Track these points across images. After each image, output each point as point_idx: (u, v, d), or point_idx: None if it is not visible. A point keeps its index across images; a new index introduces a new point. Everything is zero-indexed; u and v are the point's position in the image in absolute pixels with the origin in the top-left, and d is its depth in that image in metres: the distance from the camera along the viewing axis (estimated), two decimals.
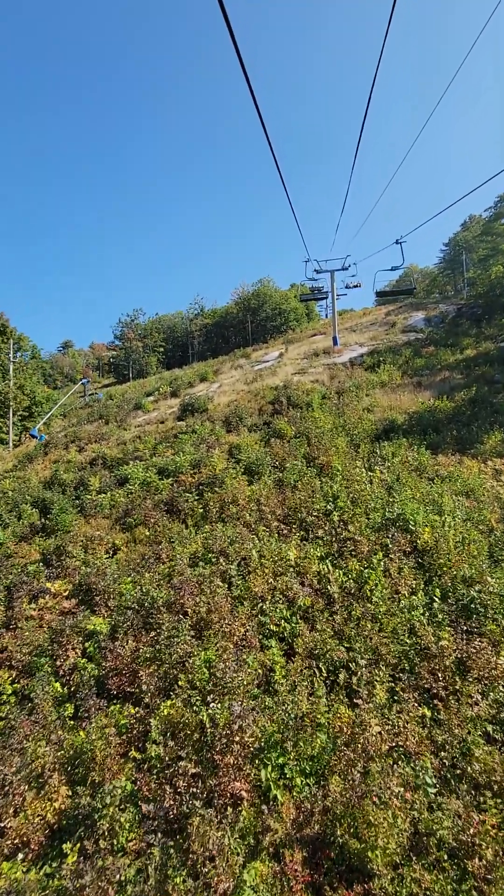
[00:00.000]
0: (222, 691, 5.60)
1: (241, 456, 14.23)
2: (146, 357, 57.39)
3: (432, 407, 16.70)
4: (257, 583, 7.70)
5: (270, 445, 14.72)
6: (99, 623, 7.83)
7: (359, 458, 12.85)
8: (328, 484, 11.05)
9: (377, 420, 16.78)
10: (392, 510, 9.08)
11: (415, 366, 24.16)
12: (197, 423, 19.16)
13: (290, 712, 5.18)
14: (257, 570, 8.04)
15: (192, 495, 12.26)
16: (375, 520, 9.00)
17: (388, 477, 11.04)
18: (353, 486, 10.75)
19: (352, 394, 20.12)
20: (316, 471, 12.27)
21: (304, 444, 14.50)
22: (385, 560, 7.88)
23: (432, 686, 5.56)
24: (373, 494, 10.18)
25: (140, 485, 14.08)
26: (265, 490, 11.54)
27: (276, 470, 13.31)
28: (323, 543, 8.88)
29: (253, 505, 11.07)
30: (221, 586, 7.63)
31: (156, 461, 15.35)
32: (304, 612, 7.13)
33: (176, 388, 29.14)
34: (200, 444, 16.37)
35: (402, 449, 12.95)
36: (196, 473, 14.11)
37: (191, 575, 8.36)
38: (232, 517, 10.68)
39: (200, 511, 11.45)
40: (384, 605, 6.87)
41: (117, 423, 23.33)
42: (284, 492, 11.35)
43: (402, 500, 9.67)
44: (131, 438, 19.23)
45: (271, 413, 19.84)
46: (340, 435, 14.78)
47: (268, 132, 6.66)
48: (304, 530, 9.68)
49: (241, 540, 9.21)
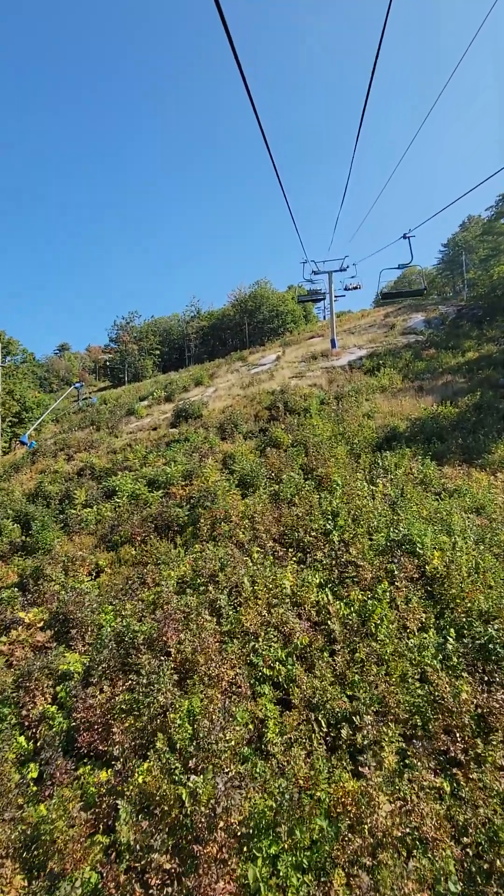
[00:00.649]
0: (206, 755, 4.83)
1: (235, 466, 13.47)
2: (142, 360, 56.54)
3: (435, 413, 15.98)
4: (249, 616, 6.93)
5: (266, 455, 13.97)
6: (74, 661, 7.05)
7: (359, 470, 12.10)
8: (327, 499, 10.30)
9: (378, 427, 16.04)
10: (397, 530, 8.33)
11: (415, 369, 23.46)
12: (190, 431, 18.41)
13: (284, 786, 4.41)
14: (250, 601, 7.27)
15: (183, 510, 11.50)
16: (379, 541, 8.24)
17: (392, 491, 10.29)
18: (354, 501, 10.00)
19: (351, 399, 19.40)
20: (314, 484, 11.52)
21: (302, 454, 13.75)
22: (391, 589, 7.12)
23: (449, 748, 4.80)
24: (375, 511, 9.43)
25: (128, 498, 13.31)
26: (260, 505, 10.78)
27: (271, 482, 12.56)
28: (322, 568, 8.11)
29: (246, 522, 10.31)
30: (210, 620, 6.86)
31: (146, 472, 14.59)
32: (302, 652, 6.36)
33: (170, 393, 28.38)
34: (193, 453, 15.62)
35: (405, 459, 12.21)
36: (188, 485, 13.35)
37: (177, 604, 7.60)
38: (224, 535, 9.92)
39: (191, 528, 10.69)
40: (391, 644, 6.11)
41: (108, 429, 22.55)
42: (280, 507, 10.59)
43: (407, 519, 8.92)
44: (122, 446, 18.46)
45: (267, 419, 19.11)
46: (340, 443, 14.03)
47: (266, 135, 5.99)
48: (302, 551, 8.93)
49: (232, 563, 8.44)
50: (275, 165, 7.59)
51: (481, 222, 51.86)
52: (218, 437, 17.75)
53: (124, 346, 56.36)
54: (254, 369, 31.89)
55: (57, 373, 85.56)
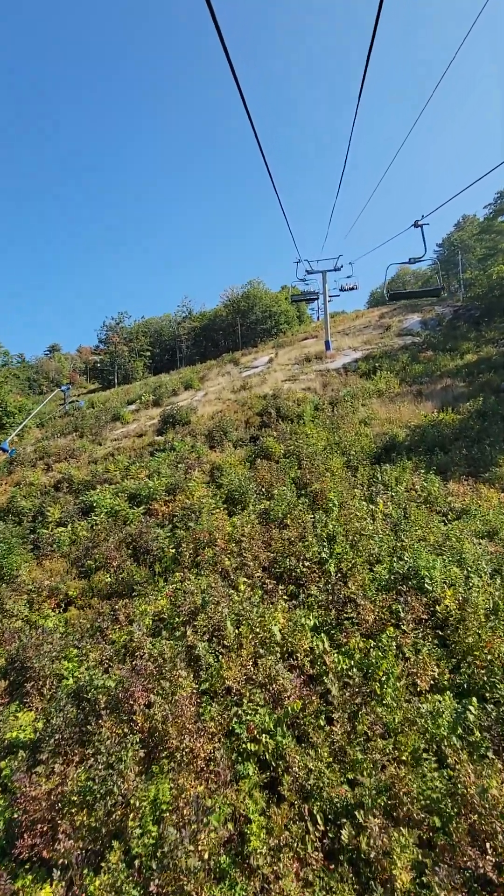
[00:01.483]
0: (172, 876, 3.82)
1: (223, 479, 12.46)
2: (132, 362, 55.28)
3: (436, 420, 15.06)
4: (232, 669, 5.92)
5: (256, 467, 12.96)
6: (26, 723, 6.01)
7: (357, 485, 11.14)
8: (322, 520, 9.31)
9: (376, 435, 15.10)
10: (402, 560, 7.35)
11: (413, 372, 22.57)
12: (177, 438, 17.36)
13: None
14: (233, 651, 6.26)
15: (164, 531, 10.46)
16: (381, 574, 7.26)
17: (394, 512, 9.33)
18: (352, 523, 9.03)
19: (347, 404, 18.46)
20: (308, 501, 10.54)
21: (295, 466, 12.77)
22: (398, 634, 6.15)
23: (477, 865, 3.82)
24: (376, 535, 8.45)
25: (107, 514, 12.25)
26: (248, 527, 9.77)
27: (262, 497, 11.56)
28: (317, 605, 7.12)
29: (233, 546, 9.30)
30: (185, 676, 5.83)
31: (127, 485, 13.52)
32: (294, 718, 5.36)
33: (159, 397, 27.28)
34: (179, 464, 14.58)
35: (406, 473, 11.25)
36: (171, 501, 12.32)
37: (150, 650, 6.57)
38: (208, 562, 8.90)
39: (172, 552, 9.66)
40: (399, 710, 5.12)
41: (92, 436, 21.43)
42: (271, 529, 9.60)
43: (412, 545, 7.96)
44: (104, 456, 17.36)
45: (259, 426, 18.11)
46: (335, 454, 13.07)
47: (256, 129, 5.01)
48: (294, 582, 7.93)
49: (215, 598, 7.42)
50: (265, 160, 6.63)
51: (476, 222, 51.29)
52: (206, 445, 16.73)
53: (114, 347, 55.08)
54: (246, 372, 30.89)
55: (47, 374, 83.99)
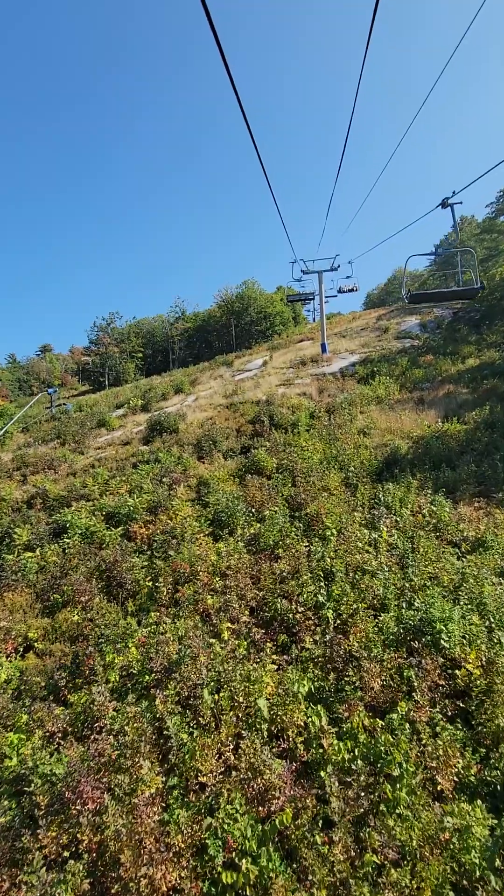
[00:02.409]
0: None
1: (210, 498, 11.33)
2: (123, 364, 53.91)
3: (441, 431, 14.02)
4: (208, 758, 4.80)
5: (246, 483, 11.84)
6: None
7: (357, 507, 10.05)
8: (318, 550, 8.21)
9: (376, 447, 14.04)
10: (412, 609, 6.26)
11: (413, 377, 21.56)
12: (164, 449, 16.20)
13: None
14: (210, 728, 5.14)
15: (141, 560, 9.33)
16: (388, 625, 6.16)
17: (399, 542, 8.23)
18: (353, 555, 7.94)
19: (344, 412, 17.38)
20: (302, 526, 9.43)
21: (288, 483, 11.67)
22: (410, 706, 5.05)
23: None
24: (380, 571, 7.36)
25: (81, 536, 11.08)
26: (235, 557, 8.65)
27: (251, 518, 10.46)
28: (313, 664, 6.00)
29: (217, 580, 8.18)
30: (149, 769, 4.69)
31: (105, 502, 12.36)
32: (282, 832, 4.24)
33: (147, 402, 26.08)
34: (163, 479, 13.43)
35: (411, 493, 10.18)
36: (152, 522, 11.17)
37: (110, 721, 5.44)
38: (188, 601, 7.77)
39: (148, 585, 8.52)
40: (416, 823, 4.02)
41: (74, 443, 20.21)
42: (260, 560, 8.48)
43: (422, 585, 6.87)
44: (84, 467, 16.17)
45: (251, 435, 17.01)
46: (332, 469, 11.98)
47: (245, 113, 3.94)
48: (286, 630, 6.82)
49: (193, 652, 6.29)
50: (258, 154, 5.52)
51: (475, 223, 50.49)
52: (194, 456, 15.60)
53: (104, 348, 53.72)
54: (239, 375, 29.77)
55: (37, 375, 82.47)
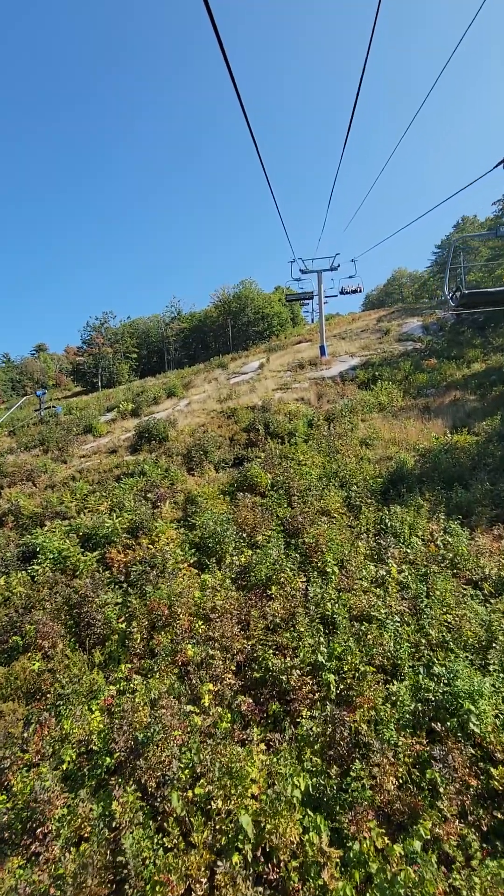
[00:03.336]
0: None
1: (197, 519, 10.21)
2: (117, 364, 52.59)
3: (450, 443, 12.93)
4: None
5: (238, 502, 10.70)
6: None
7: (361, 533, 8.93)
8: (317, 591, 7.09)
9: (379, 459, 12.95)
10: (432, 680, 5.14)
11: (417, 383, 20.47)
12: (151, 460, 15.05)
13: None
14: (179, 847, 4.01)
15: (115, 596, 8.18)
16: (403, 698, 5.03)
17: (411, 580, 7.11)
18: (357, 596, 6.82)
19: (344, 420, 16.28)
20: (299, 557, 8.31)
21: (284, 503, 10.55)
22: (435, 816, 3.94)
23: None
24: (391, 621, 6.24)
25: (52, 562, 9.93)
26: (221, 593, 7.53)
27: (242, 544, 9.34)
28: (311, 750, 4.88)
29: (200, 624, 7.05)
30: None
31: (82, 521, 11.21)
32: None
33: (138, 405, 24.91)
34: (147, 494, 12.30)
35: (422, 518, 9.07)
36: (132, 547, 10.04)
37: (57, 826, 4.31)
38: (164, 652, 6.63)
39: (121, 628, 7.38)
40: None
41: (58, 451, 19.03)
42: (250, 599, 7.35)
43: (440, 639, 5.76)
44: (64, 479, 14.99)
45: (245, 444, 15.88)
46: (333, 487, 10.86)
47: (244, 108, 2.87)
48: (279, 696, 5.69)
49: (166, 726, 5.16)
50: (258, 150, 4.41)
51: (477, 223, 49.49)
52: (183, 467, 14.47)
53: (98, 349, 52.41)
54: (234, 378, 28.63)
55: (31, 375, 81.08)
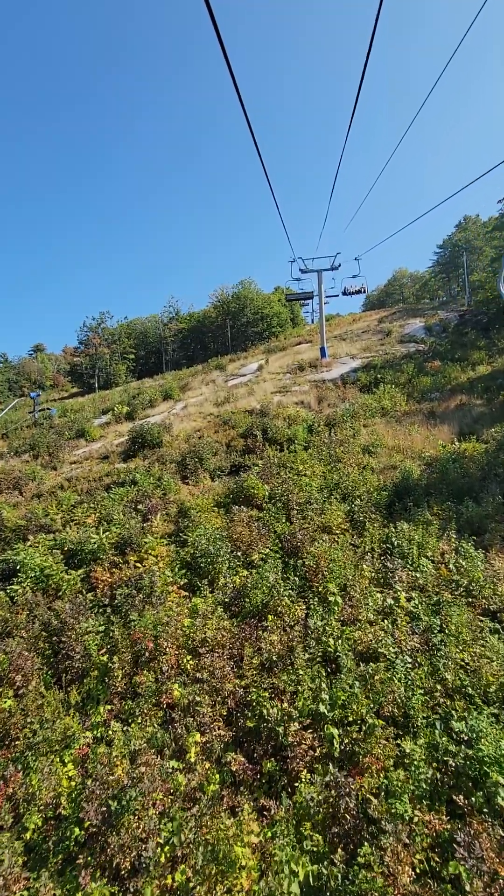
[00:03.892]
0: None
1: (189, 535, 9.52)
2: (114, 365, 51.85)
3: (457, 451, 12.24)
4: None
5: (233, 516, 10.01)
6: None
7: (366, 553, 8.24)
8: (318, 623, 6.40)
9: (383, 468, 12.28)
10: (452, 742, 4.45)
11: (420, 386, 19.79)
12: (143, 468, 14.35)
13: None
14: None
15: (97, 623, 7.48)
16: (418, 764, 4.34)
17: (422, 610, 6.42)
18: (363, 630, 6.13)
19: (346, 425, 15.61)
20: (298, 580, 7.61)
21: (282, 517, 9.86)
22: None
23: None
24: (400, 660, 5.54)
25: (33, 581, 9.24)
26: (213, 621, 6.84)
27: (237, 563, 8.66)
28: (311, 822, 4.19)
29: (188, 658, 6.36)
30: None
31: (68, 536, 10.51)
32: None
33: (133, 409, 24.20)
34: (138, 505, 11.61)
35: (431, 536, 8.37)
36: (119, 565, 9.35)
37: None
38: (148, 692, 5.93)
39: (102, 662, 6.68)
40: None
41: (49, 456, 18.34)
42: (244, 630, 6.66)
43: (458, 688, 5.07)
44: (52, 488, 14.30)
45: (242, 451, 15.20)
46: (334, 500, 10.17)
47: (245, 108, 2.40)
48: (274, 753, 4.99)
49: (144, 790, 4.47)
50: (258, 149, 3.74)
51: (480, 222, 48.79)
52: (177, 476, 13.78)
53: (94, 349, 51.66)
54: (232, 380, 27.95)
55: (29, 376, 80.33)
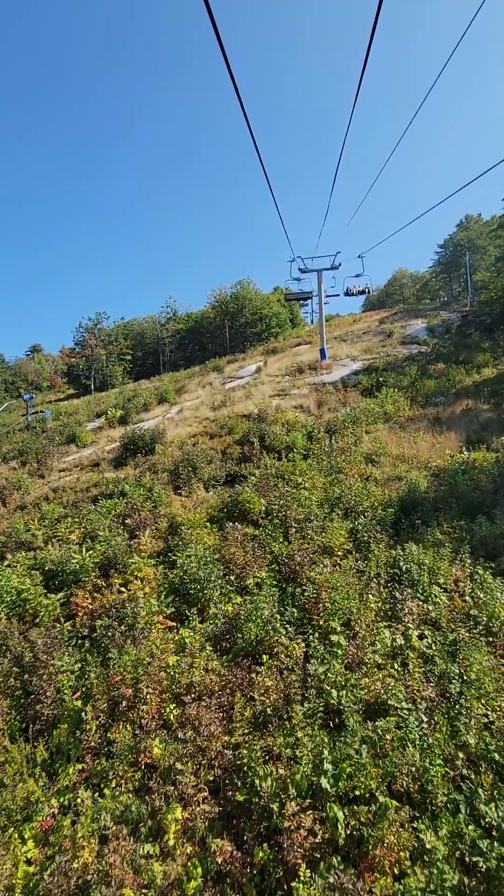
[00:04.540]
0: None
1: (178, 556, 8.75)
2: (110, 367, 51.02)
3: (467, 462, 11.49)
4: None
5: (227, 535, 9.25)
6: None
7: (371, 579, 7.48)
8: (318, 664, 5.64)
9: (387, 479, 11.53)
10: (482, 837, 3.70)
11: (424, 390, 19.03)
12: (133, 478, 13.59)
13: None
14: None
15: (73, 659, 6.71)
16: (442, 869, 3.58)
17: (437, 651, 5.66)
18: (371, 677, 5.37)
19: (347, 432, 14.87)
20: (297, 613, 6.85)
21: (280, 535, 9.11)
22: None
23: None
24: (414, 718, 4.79)
25: (9, 607, 8.48)
26: (201, 660, 6.08)
27: (231, 586, 7.91)
28: None
29: (171, 708, 5.60)
30: None
31: (48, 555, 9.74)
32: None
33: (127, 412, 23.43)
34: (127, 520, 10.86)
35: (443, 561, 7.61)
36: (101, 589, 8.59)
37: None
38: (124, 751, 5.17)
39: (76, 709, 5.92)
40: None
41: (37, 463, 17.57)
42: (236, 672, 5.89)
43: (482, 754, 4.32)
44: (37, 499, 13.53)
45: (238, 459, 14.45)
46: (336, 516, 9.41)
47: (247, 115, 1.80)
48: (268, 837, 4.24)
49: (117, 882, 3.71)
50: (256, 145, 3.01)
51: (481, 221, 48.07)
52: (170, 486, 13.02)
53: (90, 350, 50.83)
54: (230, 383, 27.18)
55: (26, 377, 79.58)
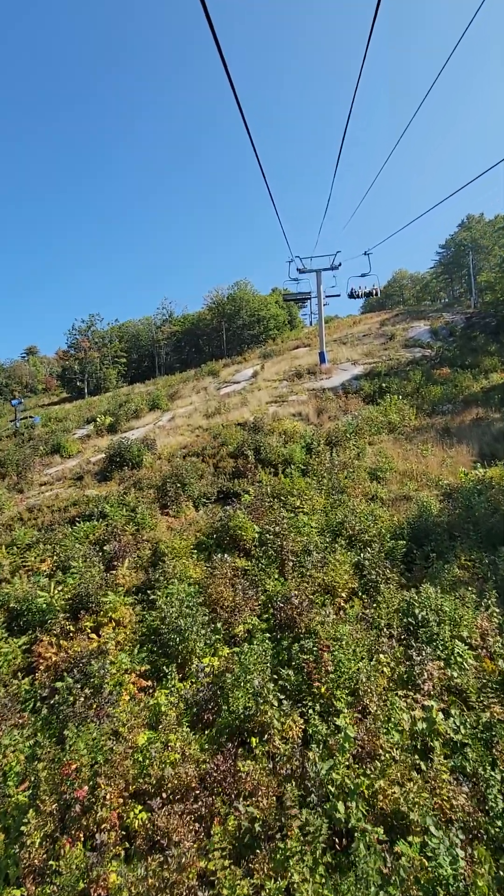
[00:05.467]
0: None
1: (159, 595, 7.63)
2: (104, 370, 49.86)
3: (482, 480, 10.39)
4: None
5: (214, 570, 8.13)
6: None
7: (381, 631, 6.36)
8: (318, 745, 4.52)
9: (394, 499, 10.45)
10: None
11: (430, 396, 17.95)
12: (115, 496, 12.46)
13: None
14: None
15: (24, 733, 5.57)
16: None
17: (468, 741, 4.55)
18: (384, 778, 4.26)
19: (349, 444, 13.78)
20: (294, 676, 5.73)
21: (275, 570, 8.00)
22: None
23: None
24: (443, 837, 3.67)
25: None
26: (176, 743, 4.96)
27: (216, 634, 6.80)
28: None
29: (136, 811, 4.48)
30: None
31: (13, 589, 8.61)
32: None
33: (117, 419, 22.32)
34: (105, 546, 9.74)
35: (466, 610, 6.49)
36: (70, 634, 7.46)
37: None
38: (71, 880, 4.04)
39: (21, 805, 4.79)
40: None
41: (17, 476, 16.42)
42: (217, 766, 4.77)
43: None
44: (11, 519, 12.37)
45: (232, 474, 13.34)
46: (338, 547, 8.29)
47: None
48: None
49: None
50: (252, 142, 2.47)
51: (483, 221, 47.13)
52: (156, 504, 11.92)
53: (84, 353, 49.67)
54: (225, 388, 26.09)
55: (20, 379, 78.41)
